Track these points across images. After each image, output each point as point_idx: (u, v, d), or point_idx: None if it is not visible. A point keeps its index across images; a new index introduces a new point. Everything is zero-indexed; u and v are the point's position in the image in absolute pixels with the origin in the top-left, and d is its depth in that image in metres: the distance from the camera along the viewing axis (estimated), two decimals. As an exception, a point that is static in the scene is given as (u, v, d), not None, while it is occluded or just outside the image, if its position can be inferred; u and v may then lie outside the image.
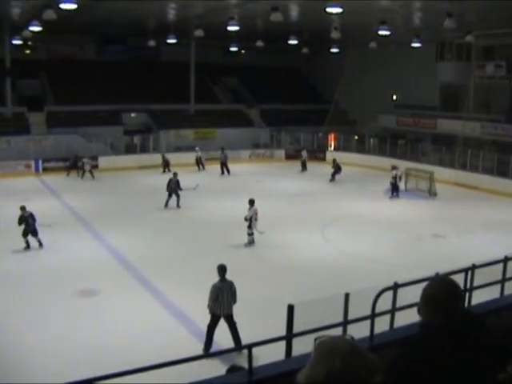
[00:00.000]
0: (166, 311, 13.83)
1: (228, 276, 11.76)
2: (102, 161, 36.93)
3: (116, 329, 12.83)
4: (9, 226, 20.17)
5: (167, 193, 25.68)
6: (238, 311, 11.74)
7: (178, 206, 25.70)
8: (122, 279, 16.29)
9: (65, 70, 43.42)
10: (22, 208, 19.48)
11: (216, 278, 11.71)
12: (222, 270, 11.72)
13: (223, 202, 26.25)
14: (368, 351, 2.14)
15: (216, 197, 27.99)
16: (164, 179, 26.79)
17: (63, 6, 23.53)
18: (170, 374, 6.13)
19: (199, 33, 34.40)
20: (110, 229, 22.08)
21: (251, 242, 20.14)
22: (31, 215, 19.42)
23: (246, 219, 19.97)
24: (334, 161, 34.63)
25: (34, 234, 19.39)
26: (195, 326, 12.75)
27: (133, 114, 43.52)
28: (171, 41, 39.13)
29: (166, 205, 25.60)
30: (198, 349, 11.25)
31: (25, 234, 19.31)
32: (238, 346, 11.21)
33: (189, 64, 44.95)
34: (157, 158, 37.60)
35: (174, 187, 25.72)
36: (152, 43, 41.37)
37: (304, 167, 37.99)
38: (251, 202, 20.23)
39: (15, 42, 40.05)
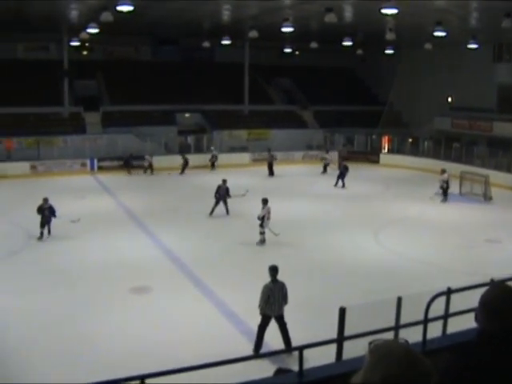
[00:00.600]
0: (217, 310, 13.90)
1: (280, 277, 11.74)
2: (156, 160, 37.32)
3: (167, 326, 12.97)
4: (65, 223, 20.66)
5: (215, 200, 24.60)
6: (288, 312, 11.72)
7: (227, 213, 24.67)
8: (173, 277, 16.46)
9: (120, 71, 44.10)
10: (45, 199, 20.57)
11: (267, 279, 11.71)
12: (273, 270, 11.70)
13: (273, 205, 26.03)
14: (422, 355, 2.13)
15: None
16: (213, 179, 26.64)
17: (120, 8, 23.91)
18: (219, 374, 6.16)
19: (253, 34, 34.48)
20: (162, 227, 22.33)
21: (262, 241, 20.23)
22: (50, 208, 20.42)
23: (258, 218, 20.11)
24: (340, 163, 34.14)
25: (47, 224, 20.36)
26: (245, 326, 12.79)
27: (187, 115, 43.93)
28: (225, 42, 39.35)
29: (212, 213, 24.46)
30: (248, 349, 11.29)
31: (42, 225, 20.23)
32: (289, 347, 11.20)
33: (243, 65, 45.11)
34: (208, 158, 37.96)
35: (222, 194, 24.72)
36: (206, 44, 41.70)
37: (325, 170, 37.10)
38: (264, 201, 20.39)
39: (73, 43, 40.92)
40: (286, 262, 15.56)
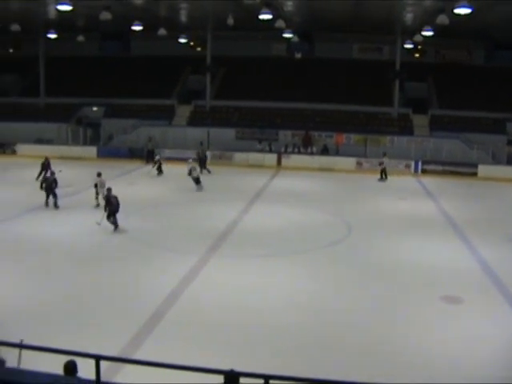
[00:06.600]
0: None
1: None
2: (482, 169, 36.39)
3: (472, 343, 12.38)
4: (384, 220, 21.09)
5: None
6: None
7: None
8: (487, 292, 15.79)
9: (451, 75, 43.87)
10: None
11: None
12: None
13: None
14: None
15: None
16: None
17: (457, 10, 23.99)
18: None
19: None
20: (480, 238, 21.58)
21: (98, 205, 23.75)
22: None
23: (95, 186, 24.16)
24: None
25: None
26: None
27: (517, 123, 41.98)
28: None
29: None
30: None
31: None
32: None
33: None
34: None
35: None
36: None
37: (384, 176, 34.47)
38: (98, 174, 24.18)
39: (407, 45, 41.82)
40: None
